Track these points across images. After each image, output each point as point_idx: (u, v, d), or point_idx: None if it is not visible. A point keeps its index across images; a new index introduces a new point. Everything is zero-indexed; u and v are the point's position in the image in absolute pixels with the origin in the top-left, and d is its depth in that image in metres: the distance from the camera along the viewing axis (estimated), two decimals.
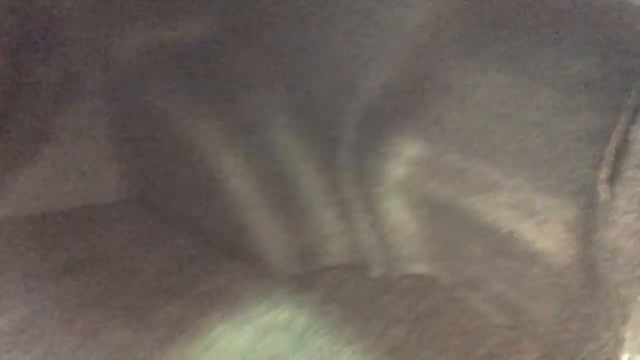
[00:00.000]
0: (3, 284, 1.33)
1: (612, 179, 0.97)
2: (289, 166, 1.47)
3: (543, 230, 1.18)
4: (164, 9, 1.55)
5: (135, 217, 1.59)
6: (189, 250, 1.50)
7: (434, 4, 1.30)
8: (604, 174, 0.99)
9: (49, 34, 1.65)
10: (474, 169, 1.32)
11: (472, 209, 1.32)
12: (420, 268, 1.44)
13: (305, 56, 1.44)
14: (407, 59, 1.33)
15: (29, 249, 1.44)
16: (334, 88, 1.40)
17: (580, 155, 1.10)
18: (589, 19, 1.11)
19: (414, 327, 1.30)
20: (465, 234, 1.35)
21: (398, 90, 1.35)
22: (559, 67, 1.10)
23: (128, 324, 1.25)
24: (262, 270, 1.43)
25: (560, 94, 1.10)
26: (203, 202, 1.54)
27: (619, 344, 0.81)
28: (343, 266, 1.47)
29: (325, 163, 1.45)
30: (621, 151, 0.97)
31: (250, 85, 1.49)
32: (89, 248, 1.46)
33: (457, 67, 1.26)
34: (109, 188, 1.65)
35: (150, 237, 1.52)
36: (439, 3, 1.29)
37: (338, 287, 1.41)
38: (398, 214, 1.43)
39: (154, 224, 1.56)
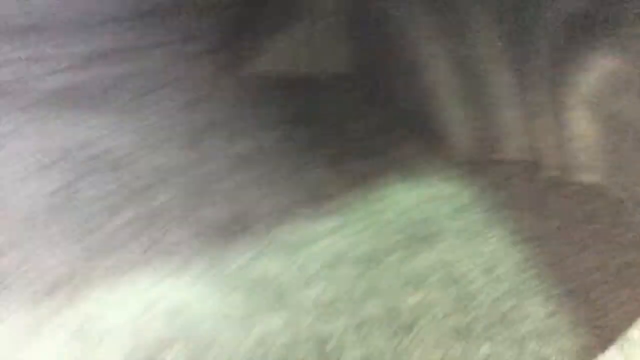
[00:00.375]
0: (238, 121, 1.76)
1: None
2: (485, 63, 1.60)
3: None
4: None
5: (348, 90, 1.89)
6: (390, 122, 1.77)
7: None
8: None
9: None
10: None
11: None
12: (590, 178, 1.51)
13: None
14: None
15: (267, 98, 1.86)
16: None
17: None
18: None
19: (566, 226, 1.42)
20: None
21: (601, 5, 1.37)
22: None
23: (328, 167, 1.60)
24: (444, 150, 1.65)
25: None
26: (406, 85, 1.77)
27: None
28: (517, 161, 1.60)
29: (520, 65, 1.55)
30: None
31: None
32: (309, 107, 1.82)
33: None
34: (336, 62, 1.97)
35: (357, 107, 1.82)
36: None
37: (508, 177, 1.56)
38: (581, 124, 1.50)
39: (363, 97, 1.85)
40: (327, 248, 1.36)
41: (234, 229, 1.41)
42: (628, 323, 1.15)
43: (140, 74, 2.07)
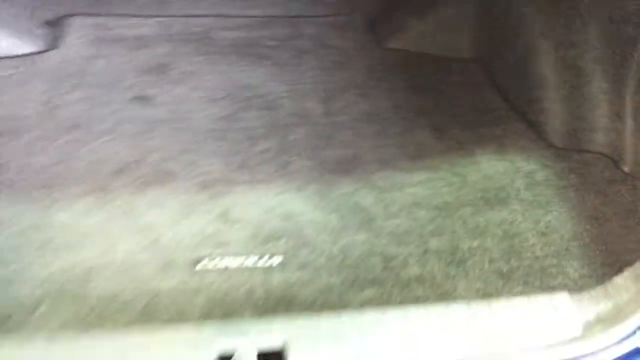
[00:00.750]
0: (368, 85, 2.14)
1: None
2: (586, 62, 1.80)
3: None
4: None
5: (465, 72, 2.18)
6: (494, 103, 2.04)
7: None
8: None
9: None
10: None
11: None
12: None
13: None
14: None
15: (395, 70, 2.21)
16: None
17: None
18: None
19: (625, 212, 1.62)
20: None
21: None
22: None
23: (430, 132, 1.92)
24: (536, 134, 1.89)
25: None
26: (517, 74, 2.02)
27: None
28: (598, 153, 1.81)
29: (619, 69, 1.74)
30: None
31: None
32: (427, 81, 2.14)
33: None
34: (462, 47, 2.26)
35: (469, 87, 2.10)
36: None
37: (584, 165, 1.78)
38: None
39: (476, 80, 2.13)
40: (411, 194, 1.70)
41: (343, 168, 1.80)
42: None
43: (300, 38, 2.51)
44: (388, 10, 2.53)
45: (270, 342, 1.12)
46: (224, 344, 1.10)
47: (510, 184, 1.74)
